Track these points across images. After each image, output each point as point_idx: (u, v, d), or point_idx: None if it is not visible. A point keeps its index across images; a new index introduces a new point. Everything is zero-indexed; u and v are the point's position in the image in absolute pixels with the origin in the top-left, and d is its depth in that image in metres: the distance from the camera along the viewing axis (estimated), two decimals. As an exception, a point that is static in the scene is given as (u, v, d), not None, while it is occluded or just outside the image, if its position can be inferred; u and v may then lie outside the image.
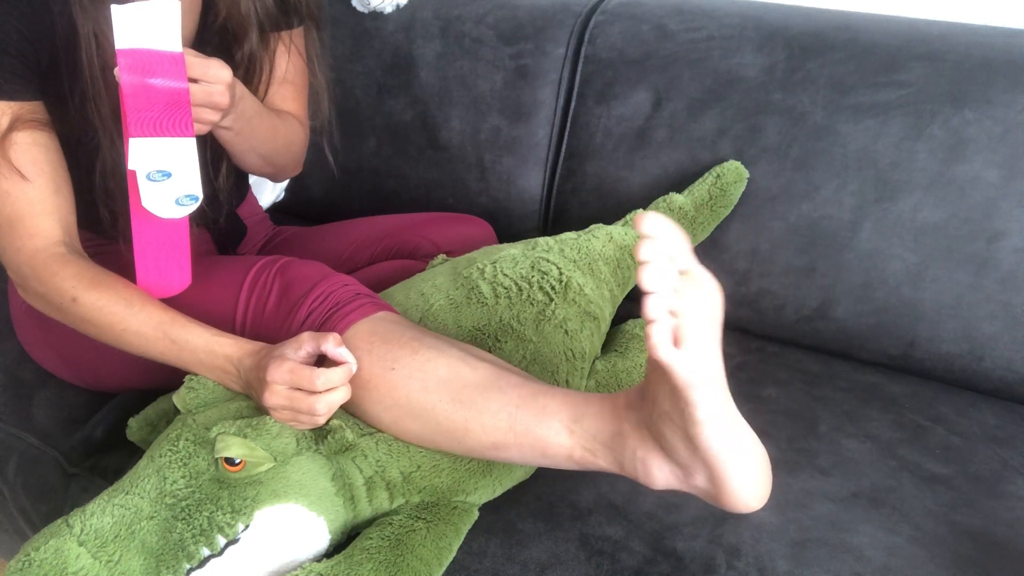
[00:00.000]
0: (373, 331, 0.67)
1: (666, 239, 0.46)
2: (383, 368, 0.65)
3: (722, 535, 0.69)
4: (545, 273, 0.82)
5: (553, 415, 0.60)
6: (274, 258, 0.76)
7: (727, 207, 1.00)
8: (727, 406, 0.53)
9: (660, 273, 0.46)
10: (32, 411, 0.86)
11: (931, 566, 0.68)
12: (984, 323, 0.92)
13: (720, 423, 0.51)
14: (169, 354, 0.70)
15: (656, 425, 0.55)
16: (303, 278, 0.73)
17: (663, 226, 0.46)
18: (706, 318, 0.49)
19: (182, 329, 0.69)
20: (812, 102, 0.97)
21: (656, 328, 0.47)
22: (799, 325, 1.02)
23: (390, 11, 1.18)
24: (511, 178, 1.17)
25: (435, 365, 0.64)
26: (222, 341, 0.69)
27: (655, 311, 0.47)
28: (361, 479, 0.66)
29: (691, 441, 0.52)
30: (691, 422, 0.51)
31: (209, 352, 0.68)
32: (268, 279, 0.74)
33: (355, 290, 0.72)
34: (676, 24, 1.05)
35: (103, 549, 0.57)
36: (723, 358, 0.52)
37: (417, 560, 0.63)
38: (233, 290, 0.74)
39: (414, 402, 0.64)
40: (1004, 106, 0.88)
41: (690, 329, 0.48)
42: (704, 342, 0.49)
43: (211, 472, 0.61)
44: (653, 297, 0.47)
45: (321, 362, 0.65)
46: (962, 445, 0.84)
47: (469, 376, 0.63)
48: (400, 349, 0.65)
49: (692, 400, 0.50)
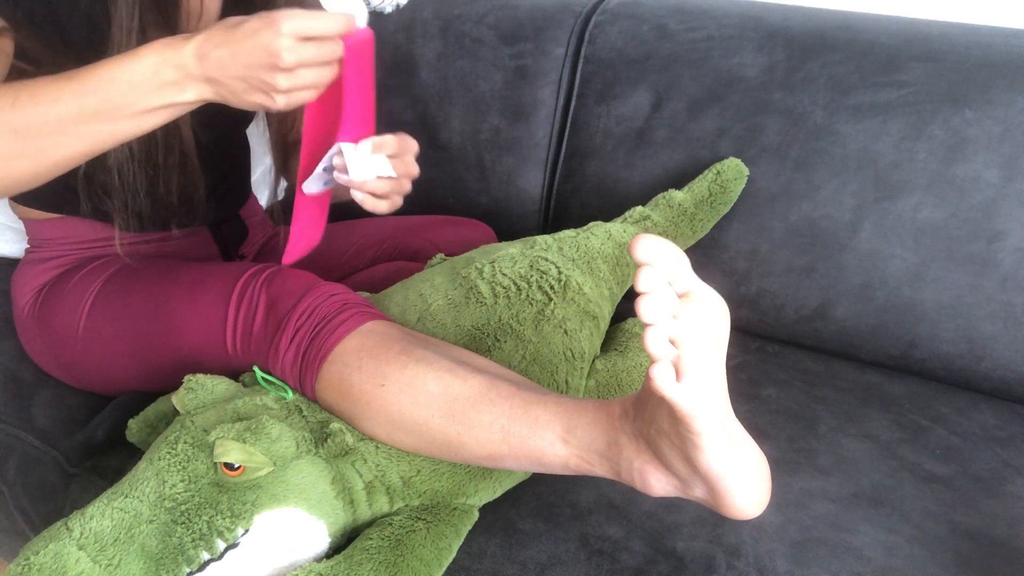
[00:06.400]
0: (360, 347, 0.66)
1: (663, 263, 0.45)
2: (373, 385, 0.64)
3: (722, 535, 0.69)
4: (544, 272, 0.82)
5: (546, 426, 0.59)
6: (260, 268, 0.75)
7: (727, 204, 1.00)
8: (729, 427, 0.51)
9: (658, 303, 0.45)
10: (32, 411, 0.86)
11: (931, 566, 0.68)
12: (984, 323, 0.92)
13: (721, 446, 0.50)
14: (88, 106, 0.60)
15: (654, 440, 0.54)
16: (288, 292, 0.72)
17: (659, 249, 0.44)
18: (709, 341, 0.48)
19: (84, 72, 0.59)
20: (812, 102, 0.97)
21: (657, 365, 0.46)
22: (799, 325, 1.02)
23: (390, 11, 1.18)
24: (511, 178, 1.17)
25: (424, 380, 0.63)
26: (139, 50, 0.60)
27: (655, 345, 0.45)
28: (361, 483, 0.66)
29: (690, 462, 0.51)
30: (691, 446, 0.50)
31: (129, 70, 0.60)
32: (255, 293, 0.73)
33: (342, 300, 0.71)
34: (676, 24, 1.05)
35: (103, 553, 0.57)
36: (725, 361, 0.51)
37: (417, 560, 0.63)
38: (220, 309, 0.73)
39: (406, 417, 0.63)
40: (1004, 106, 0.88)
41: (691, 359, 0.46)
42: (707, 371, 0.47)
43: (210, 476, 0.61)
44: (652, 330, 0.45)
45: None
46: (962, 445, 0.84)
47: (459, 389, 0.62)
48: (388, 365, 0.64)
49: (694, 429, 0.48)
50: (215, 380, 0.70)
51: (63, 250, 0.84)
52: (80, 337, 0.79)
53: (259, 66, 0.59)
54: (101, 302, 0.79)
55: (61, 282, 0.82)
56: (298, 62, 0.59)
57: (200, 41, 0.59)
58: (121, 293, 0.79)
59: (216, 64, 0.60)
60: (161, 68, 0.59)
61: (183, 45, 0.59)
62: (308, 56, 0.59)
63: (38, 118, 0.59)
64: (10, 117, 0.58)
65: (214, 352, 0.74)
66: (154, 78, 0.60)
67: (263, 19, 0.58)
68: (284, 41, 0.58)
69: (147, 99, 0.60)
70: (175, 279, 0.78)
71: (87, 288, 0.80)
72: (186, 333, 0.75)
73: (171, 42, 0.60)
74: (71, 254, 0.84)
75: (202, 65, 0.60)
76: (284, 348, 0.69)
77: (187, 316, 0.75)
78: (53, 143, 0.60)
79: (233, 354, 0.73)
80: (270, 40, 0.58)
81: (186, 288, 0.76)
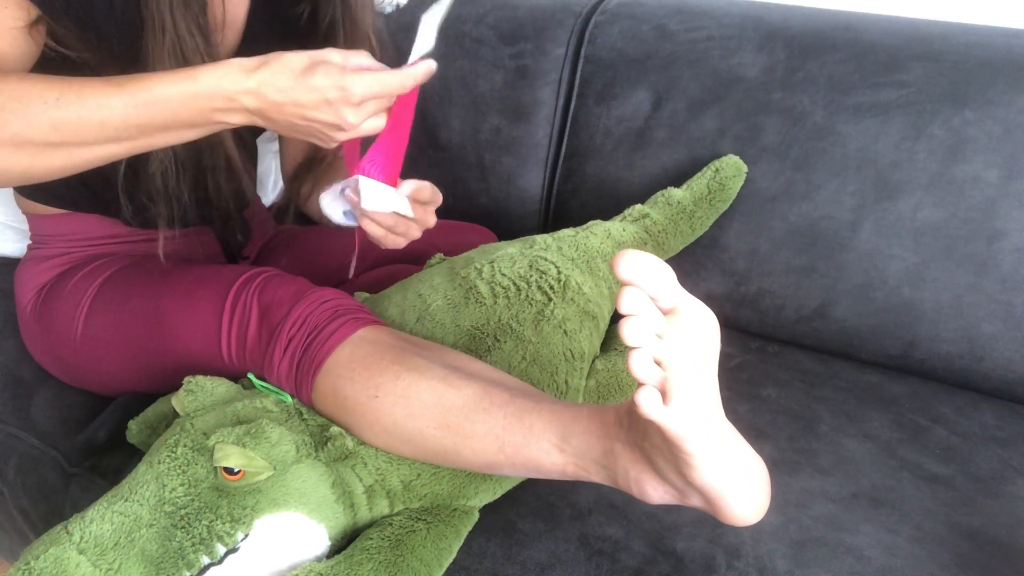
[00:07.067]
0: (353, 356, 0.66)
1: (647, 280, 0.44)
2: (367, 396, 0.64)
3: (722, 535, 0.69)
4: (543, 272, 0.82)
5: (541, 435, 0.59)
6: (252, 274, 0.75)
7: (726, 201, 1.00)
8: (723, 440, 0.51)
9: (642, 325, 0.44)
10: (32, 411, 0.86)
11: (931, 566, 0.68)
12: (984, 323, 0.91)
13: (714, 462, 0.49)
14: (134, 117, 0.59)
15: (648, 452, 0.53)
16: (279, 301, 0.71)
17: (643, 265, 0.44)
18: (697, 358, 0.47)
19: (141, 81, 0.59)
20: (812, 102, 0.97)
21: (642, 389, 0.45)
22: (799, 325, 1.02)
23: (390, 11, 1.18)
24: (511, 178, 1.17)
25: (417, 390, 0.62)
26: (196, 74, 0.59)
27: (639, 368, 0.45)
28: (361, 487, 0.66)
29: (685, 477, 0.51)
30: (684, 464, 0.49)
31: (183, 92, 0.59)
32: (247, 301, 0.73)
33: (333, 307, 0.70)
34: (676, 24, 1.05)
35: (103, 557, 0.57)
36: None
37: (417, 561, 0.63)
38: (215, 318, 0.73)
39: (401, 428, 0.63)
40: (1004, 106, 0.88)
41: (678, 381, 0.46)
42: (695, 390, 0.47)
43: (210, 480, 0.61)
44: (636, 353, 0.45)
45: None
46: (962, 445, 0.84)
47: (453, 399, 0.62)
48: (382, 375, 0.64)
49: (685, 450, 0.48)
50: (215, 382, 0.70)
51: (66, 247, 0.84)
52: (79, 339, 0.79)
53: (322, 123, 0.60)
54: (99, 304, 0.79)
55: (61, 282, 0.82)
56: (361, 120, 0.60)
57: (261, 80, 0.58)
58: (118, 295, 0.79)
59: (274, 107, 0.60)
60: (216, 97, 0.59)
61: (243, 80, 0.59)
62: (370, 110, 0.61)
63: (81, 118, 0.58)
64: (53, 112, 0.58)
65: (211, 359, 0.74)
66: (207, 103, 0.59)
67: (331, 76, 0.58)
68: (351, 109, 0.59)
69: (195, 119, 0.61)
70: (171, 284, 0.77)
71: (85, 290, 0.80)
72: (182, 340, 0.75)
73: (230, 72, 0.59)
74: (73, 251, 0.84)
75: (259, 103, 0.59)
76: (278, 359, 0.69)
77: (183, 324, 0.74)
78: (91, 142, 0.60)
79: (229, 362, 0.73)
80: (338, 103, 0.58)
81: (182, 294, 0.76)
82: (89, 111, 0.58)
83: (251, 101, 0.59)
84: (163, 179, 0.74)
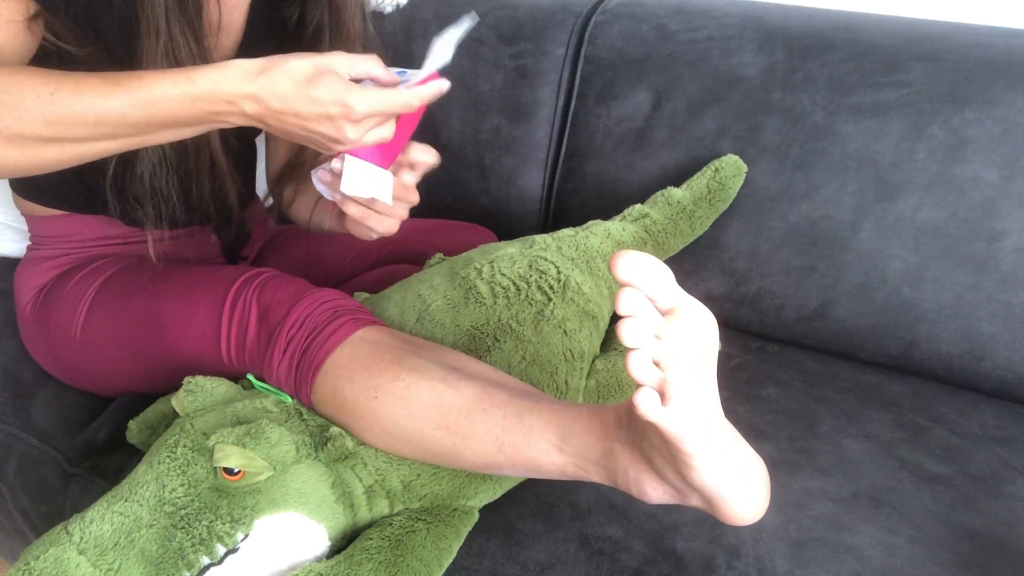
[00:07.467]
0: (352, 357, 0.66)
1: (645, 280, 0.44)
2: (366, 397, 0.63)
3: (722, 535, 0.69)
4: (543, 272, 0.82)
5: (540, 435, 0.59)
6: (252, 275, 0.75)
7: (725, 201, 1.00)
8: (722, 440, 0.51)
9: (640, 326, 0.44)
10: (32, 411, 0.86)
11: (931, 566, 0.68)
12: (984, 323, 0.92)
13: (714, 463, 0.49)
14: (130, 115, 0.59)
15: (647, 453, 0.53)
16: (278, 301, 0.71)
17: (641, 266, 0.44)
18: (696, 359, 0.47)
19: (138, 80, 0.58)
20: (812, 102, 0.97)
21: (641, 391, 0.45)
22: (799, 325, 1.02)
23: (390, 11, 1.18)
24: (511, 178, 1.17)
25: (417, 391, 0.62)
26: (196, 76, 0.58)
27: (638, 369, 0.45)
28: (361, 487, 0.65)
29: (684, 478, 0.51)
30: (683, 465, 0.50)
31: (181, 94, 0.58)
32: (247, 302, 0.72)
33: (332, 308, 0.70)
34: (676, 24, 1.05)
35: (103, 557, 0.57)
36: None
37: (417, 561, 0.63)
38: (214, 320, 0.73)
39: (400, 429, 0.63)
40: (1004, 106, 0.88)
41: (677, 382, 0.46)
42: (694, 391, 0.47)
43: (210, 480, 0.61)
44: (635, 354, 0.45)
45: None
46: (962, 445, 0.84)
47: (452, 400, 0.62)
48: (381, 376, 0.64)
49: (684, 450, 0.48)
50: (215, 382, 0.70)
51: (65, 248, 0.84)
52: (78, 339, 0.79)
53: (321, 135, 0.60)
54: (98, 305, 0.79)
55: (60, 283, 0.82)
56: (362, 135, 0.60)
57: (262, 86, 0.58)
58: (118, 296, 0.79)
59: (274, 115, 0.59)
60: (215, 100, 0.59)
61: (244, 84, 0.58)
62: (372, 125, 0.61)
63: (76, 113, 0.58)
64: (47, 106, 0.57)
65: (210, 360, 0.74)
66: (206, 106, 0.59)
67: (334, 89, 0.58)
68: (352, 125, 0.59)
69: (194, 119, 0.60)
70: (170, 284, 0.77)
71: (84, 291, 0.80)
72: (182, 340, 0.75)
73: (231, 75, 0.58)
74: (72, 252, 0.84)
75: (259, 108, 0.59)
76: (277, 361, 0.69)
77: (182, 324, 0.74)
78: (85, 139, 0.60)
79: (229, 363, 0.73)
80: (340, 119, 0.58)
81: (181, 295, 0.76)
82: (85, 108, 0.58)
83: (251, 106, 0.59)
84: (151, 180, 0.74)
